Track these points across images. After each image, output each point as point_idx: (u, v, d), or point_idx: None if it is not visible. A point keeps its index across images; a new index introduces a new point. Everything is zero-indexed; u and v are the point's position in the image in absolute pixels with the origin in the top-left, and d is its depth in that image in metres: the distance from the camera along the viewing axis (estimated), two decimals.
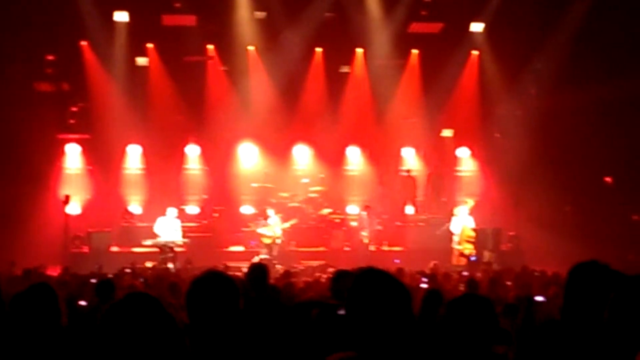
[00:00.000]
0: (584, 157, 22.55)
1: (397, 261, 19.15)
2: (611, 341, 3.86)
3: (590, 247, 17.01)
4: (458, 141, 25.29)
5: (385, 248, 22.44)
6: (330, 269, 15.21)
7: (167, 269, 18.75)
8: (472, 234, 21.19)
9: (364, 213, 22.59)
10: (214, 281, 4.44)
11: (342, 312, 3.78)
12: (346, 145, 25.09)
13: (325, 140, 24.37)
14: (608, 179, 23.14)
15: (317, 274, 17.18)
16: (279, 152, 24.57)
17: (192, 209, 23.88)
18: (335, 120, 24.62)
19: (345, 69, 25.22)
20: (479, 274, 16.24)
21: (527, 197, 23.28)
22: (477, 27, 24.74)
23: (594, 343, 3.96)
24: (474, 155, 25.40)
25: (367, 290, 3.66)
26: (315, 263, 20.47)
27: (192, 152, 24.60)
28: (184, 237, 20.51)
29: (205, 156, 24.55)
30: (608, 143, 22.18)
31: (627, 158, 22.25)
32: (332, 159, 24.69)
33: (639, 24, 21.19)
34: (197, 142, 24.49)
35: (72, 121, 23.84)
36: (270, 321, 6.06)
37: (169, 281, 11.99)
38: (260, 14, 24.08)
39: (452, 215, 21.54)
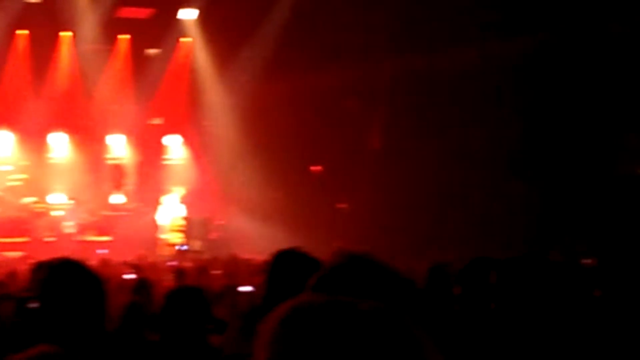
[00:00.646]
0: (293, 146, 22.98)
1: (102, 251, 18.79)
2: None
3: (299, 234, 17.29)
4: (168, 129, 25.12)
5: (92, 238, 21.87)
6: (32, 261, 14.57)
7: None
8: (182, 222, 21.11)
9: (70, 202, 22.02)
10: None
11: (34, 305, 3.55)
12: (50, 131, 24.21)
13: (29, 126, 23.39)
14: (316, 168, 23.71)
15: (17, 266, 16.44)
16: None
17: None
18: (40, 105, 23.69)
19: (51, 53, 24.33)
20: (187, 264, 16.14)
21: (237, 185, 23.48)
22: (189, 13, 24.57)
23: None
24: (185, 143, 25.28)
25: (59, 282, 3.44)
26: (15, 254, 19.67)
27: None
28: None
29: None
30: (317, 132, 22.72)
31: (334, 147, 22.88)
32: (35, 145, 23.75)
33: (345, 14, 21.86)
34: None
35: None
36: None
37: None
38: None
39: (160, 204, 21.39)
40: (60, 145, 24.47)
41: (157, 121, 25.10)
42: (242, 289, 9.06)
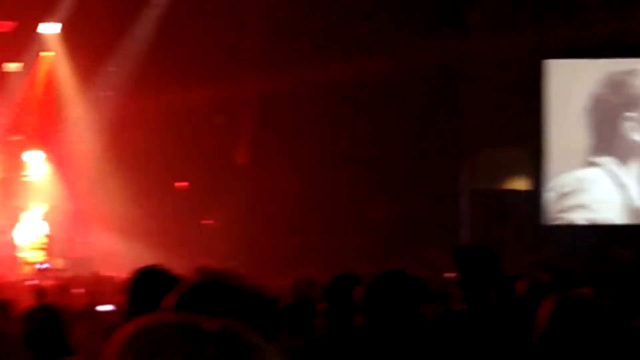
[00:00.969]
0: (159, 162, 22.77)
1: None
2: None
3: (164, 251, 17.15)
4: (29, 144, 24.50)
5: None
6: None
7: None
8: (44, 240, 20.67)
9: None
10: None
11: None
12: None
13: None
14: (181, 184, 23.55)
15: None
16: None
17: None
18: None
19: None
20: (48, 282, 15.79)
21: (101, 202, 23.08)
22: (51, 27, 24.05)
23: None
24: (47, 159, 24.71)
25: None
26: None
27: None
28: None
29: None
30: (183, 148, 22.61)
31: (200, 163, 22.81)
32: None
33: (211, 30, 21.87)
34: None
35: None
36: None
37: None
38: None
39: (20, 221, 20.91)
40: None
41: (17, 137, 24.48)
42: (103, 307, 8.92)
